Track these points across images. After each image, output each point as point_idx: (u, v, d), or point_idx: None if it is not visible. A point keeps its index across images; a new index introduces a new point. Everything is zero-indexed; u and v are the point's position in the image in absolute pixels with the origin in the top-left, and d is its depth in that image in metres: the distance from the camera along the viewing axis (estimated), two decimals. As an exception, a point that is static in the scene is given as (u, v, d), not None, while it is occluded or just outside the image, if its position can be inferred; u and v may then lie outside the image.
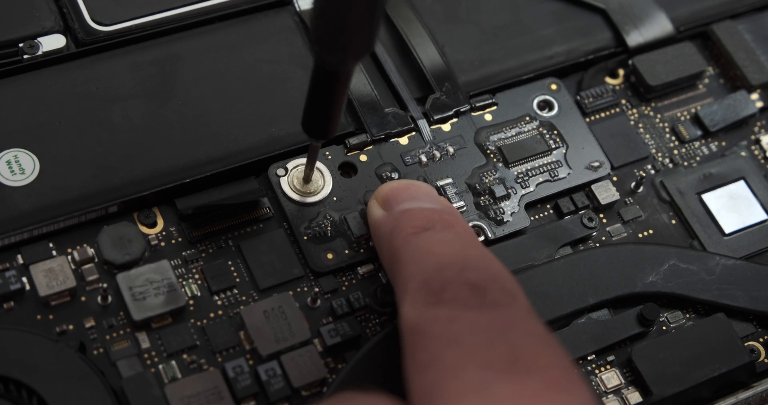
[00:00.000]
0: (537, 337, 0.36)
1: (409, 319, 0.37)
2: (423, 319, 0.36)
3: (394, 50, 0.49)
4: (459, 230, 0.41)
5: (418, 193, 0.42)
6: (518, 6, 0.51)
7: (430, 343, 0.35)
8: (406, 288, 0.38)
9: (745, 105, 0.51)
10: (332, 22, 0.35)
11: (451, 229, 0.40)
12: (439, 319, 0.36)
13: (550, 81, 0.50)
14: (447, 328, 0.36)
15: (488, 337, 0.35)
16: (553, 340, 0.36)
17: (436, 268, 0.38)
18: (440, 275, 0.37)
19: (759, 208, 0.49)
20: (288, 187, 0.45)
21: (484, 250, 0.40)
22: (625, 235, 0.48)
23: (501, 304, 0.37)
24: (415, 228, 0.40)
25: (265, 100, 0.46)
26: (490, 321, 0.36)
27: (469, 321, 0.36)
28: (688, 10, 0.53)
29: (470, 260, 0.38)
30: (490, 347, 0.35)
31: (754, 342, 0.46)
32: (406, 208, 0.42)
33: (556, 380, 0.34)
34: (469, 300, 0.36)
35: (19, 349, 0.40)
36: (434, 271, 0.38)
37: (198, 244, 0.44)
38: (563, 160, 0.48)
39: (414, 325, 0.36)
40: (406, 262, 0.39)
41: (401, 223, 0.41)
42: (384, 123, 0.47)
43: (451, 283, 0.37)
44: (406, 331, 0.37)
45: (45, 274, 0.42)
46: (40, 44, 0.46)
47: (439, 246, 0.39)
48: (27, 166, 0.43)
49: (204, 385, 0.40)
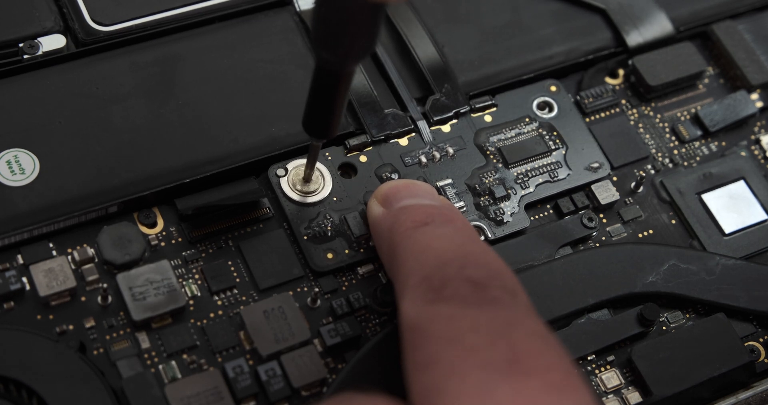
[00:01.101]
0: (538, 336, 0.36)
1: (408, 316, 0.37)
2: (423, 316, 0.36)
3: (394, 51, 0.49)
4: (459, 225, 0.40)
5: (418, 190, 0.42)
6: (518, 6, 0.51)
7: (429, 342, 0.35)
8: (406, 284, 0.38)
9: (745, 105, 0.51)
10: (333, 24, 0.35)
11: (450, 224, 0.40)
12: (439, 317, 0.36)
13: (550, 83, 0.50)
14: (447, 326, 0.35)
15: (488, 336, 0.35)
16: (554, 339, 0.36)
17: (437, 264, 0.38)
18: (441, 271, 0.37)
19: (759, 208, 0.49)
20: (288, 187, 0.45)
21: (484, 246, 0.40)
22: (625, 235, 0.48)
23: (502, 302, 0.36)
24: (414, 222, 0.40)
25: (265, 100, 0.46)
26: (491, 319, 0.36)
27: (469, 319, 0.35)
28: (688, 10, 0.53)
29: (471, 256, 0.38)
30: (490, 347, 0.35)
31: (754, 342, 0.46)
32: (405, 205, 0.41)
33: (556, 381, 0.34)
34: (470, 297, 0.36)
35: (19, 349, 0.40)
36: (434, 267, 0.37)
37: (198, 244, 0.44)
38: (563, 161, 0.48)
39: (413, 323, 0.36)
40: (405, 257, 0.39)
41: (400, 219, 0.40)
42: (384, 124, 0.47)
43: (451, 280, 0.37)
44: (406, 329, 0.37)
45: (45, 274, 0.42)
46: (40, 44, 0.46)
47: (439, 241, 0.39)
48: (27, 166, 0.43)
49: (204, 385, 0.40)
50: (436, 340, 0.35)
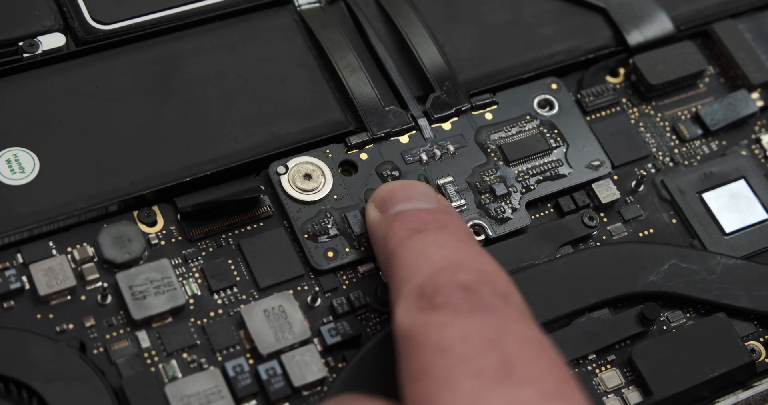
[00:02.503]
0: (530, 343, 0.36)
1: (401, 324, 0.37)
2: (415, 325, 0.36)
3: (395, 49, 0.49)
4: (452, 230, 0.40)
5: (414, 193, 0.42)
6: (519, 5, 0.51)
7: (421, 352, 0.35)
8: (400, 292, 0.38)
9: (745, 104, 0.51)
10: None
11: (444, 230, 0.40)
12: (430, 326, 0.36)
13: (551, 80, 0.50)
14: (438, 335, 0.35)
15: (480, 344, 0.35)
16: (547, 345, 0.36)
17: (429, 272, 0.38)
18: (433, 279, 0.37)
19: (759, 207, 0.49)
20: (288, 185, 0.45)
21: (477, 249, 0.40)
22: (625, 234, 0.48)
23: (493, 307, 0.36)
24: (408, 230, 0.40)
25: (265, 98, 0.46)
26: (482, 327, 0.35)
27: (460, 328, 0.35)
28: (688, 9, 0.53)
29: (463, 261, 0.38)
30: (482, 355, 0.35)
31: (754, 342, 0.46)
32: (400, 210, 0.42)
33: (550, 390, 0.34)
34: (461, 304, 0.36)
35: (18, 348, 0.40)
36: (427, 275, 0.37)
37: (198, 242, 0.44)
38: (564, 159, 0.48)
39: (406, 332, 0.36)
40: (398, 265, 0.39)
41: (395, 226, 0.41)
42: (384, 122, 0.47)
43: (443, 286, 0.37)
44: (399, 338, 0.37)
45: (45, 273, 0.41)
46: (40, 43, 0.46)
47: (432, 248, 0.39)
48: (27, 165, 0.43)
49: (204, 384, 0.40)
50: (427, 349, 0.35)
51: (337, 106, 0.47)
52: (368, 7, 0.50)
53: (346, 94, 0.47)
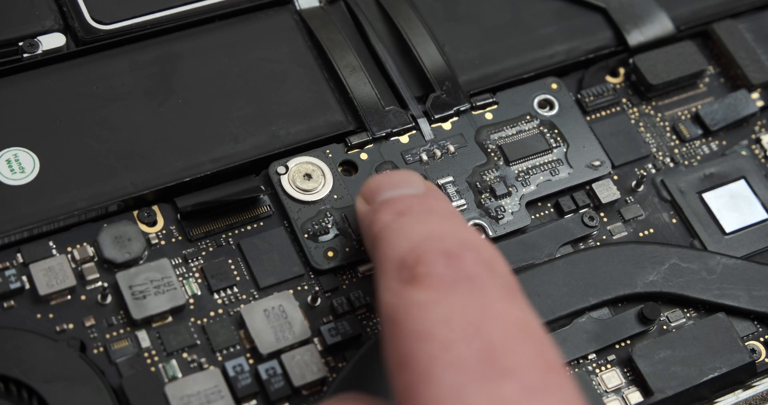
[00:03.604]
0: (514, 325, 0.34)
1: (385, 304, 0.36)
2: (397, 304, 0.35)
3: (395, 49, 0.49)
4: (441, 213, 0.39)
5: (399, 180, 0.41)
6: (519, 5, 0.51)
7: (403, 337, 0.34)
8: (383, 269, 0.37)
9: (745, 104, 0.51)
10: None
11: (431, 212, 0.39)
12: (412, 305, 0.35)
13: (551, 80, 0.50)
14: (419, 316, 0.34)
15: (462, 329, 0.34)
16: (533, 325, 0.35)
17: (412, 245, 0.37)
18: (415, 250, 0.36)
19: (759, 207, 0.49)
20: (288, 185, 0.45)
21: (463, 224, 0.39)
22: (625, 234, 0.48)
23: (477, 277, 0.35)
24: (393, 214, 0.39)
25: (265, 98, 0.46)
26: (465, 306, 0.34)
27: (442, 307, 0.34)
28: (688, 9, 0.53)
29: (447, 232, 0.37)
30: (463, 343, 0.34)
31: (754, 341, 0.46)
32: (386, 198, 0.40)
33: (533, 383, 0.33)
34: (445, 275, 0.35)
35: (18, 348, 0.40)
36: (409, 247, 0.37)
37: (198, 242, 0.44)
38: (564, 159, 0.48)
39: (389, 313, 0.35)
40: (383, 245, 0.38)
41: (380, 212, 0.40)
42: (384, 121, 0.47)
43: (425, 254, 0.36)
44: (384, 320, 0.36)
45: (45, 272, 0.41)
46: (40, 43, 0.46)
47: (417, 225, 0.38)
48: (27, 165, 0.43)
49: (204, 384, 0.40)
50: (408, 334, 0.34)
51: (337, 106, 0.47)
52: (368, 7, 0.50)
53: (346, 94, 0.47)
